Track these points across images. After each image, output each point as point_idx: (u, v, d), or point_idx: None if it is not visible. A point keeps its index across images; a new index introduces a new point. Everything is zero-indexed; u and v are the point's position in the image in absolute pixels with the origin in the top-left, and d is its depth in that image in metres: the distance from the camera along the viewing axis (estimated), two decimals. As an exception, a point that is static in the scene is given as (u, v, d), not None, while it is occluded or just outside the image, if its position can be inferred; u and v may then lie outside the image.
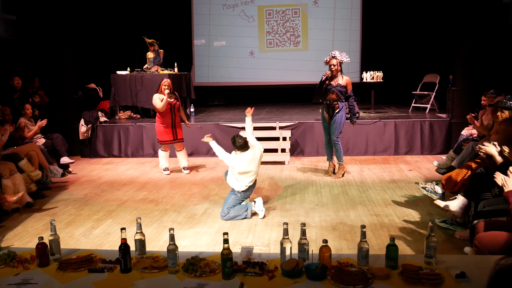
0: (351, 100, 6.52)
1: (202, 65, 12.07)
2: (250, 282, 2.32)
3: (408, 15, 10.98)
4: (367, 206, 5.30)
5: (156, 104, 6.78)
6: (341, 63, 6.38)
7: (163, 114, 6.84)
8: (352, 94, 6.51)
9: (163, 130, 6.90)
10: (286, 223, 2.59)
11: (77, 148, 8.55)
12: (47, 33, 9.03)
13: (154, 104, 6.83)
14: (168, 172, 7.10)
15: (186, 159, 7.19)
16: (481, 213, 3.62)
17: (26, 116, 7.01)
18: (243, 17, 11.85)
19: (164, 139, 6.95)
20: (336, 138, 6.47)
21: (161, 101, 6.74)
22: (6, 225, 4.94)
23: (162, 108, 6.75)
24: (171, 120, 6.89)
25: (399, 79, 10.78)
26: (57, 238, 2.66)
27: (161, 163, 7.13)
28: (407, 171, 6.95)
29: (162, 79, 6.97)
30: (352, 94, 6.51)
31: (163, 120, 6.88)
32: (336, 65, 6.31)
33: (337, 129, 6.45)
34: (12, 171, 5.39)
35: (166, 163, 7.12)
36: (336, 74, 6.36)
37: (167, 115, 6.86)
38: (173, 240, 2.48)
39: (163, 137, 6.94)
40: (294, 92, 11.55)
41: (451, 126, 8.04)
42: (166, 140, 6.96)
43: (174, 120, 6.93)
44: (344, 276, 2.29)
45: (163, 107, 6.74)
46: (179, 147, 7.10)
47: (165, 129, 6.89)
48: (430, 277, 2.26)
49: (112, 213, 5.30)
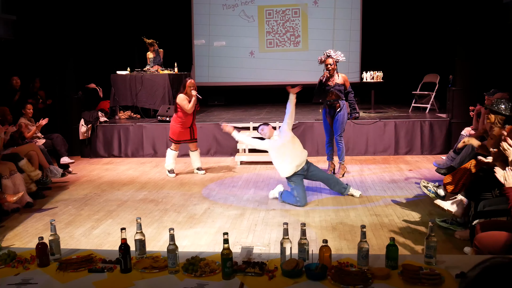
0: (350, 95, 6.55)
1: (202, 65, 12.07)
2: (250, 282, 2.32)
3: (408, 15, 10.98)
4: (367, 206, 5.30)
5: (184, 105, 6.56)
6: (337, 62, 6.41)
7: (186, 114, 6.67)
8: (351, 90, 6.54)
9: (181, 131, 6.75)
10: (286, 223, 2.59)
11: (77, 148, 8.56)
12: (47, 33, 9.02)
13: (182, 105, 6.57)
14: (174, 175, 6.92)
15: (199, 160, 7.09)
16: (481, 213, 3.62)
17: (26, 116, 7.01)
18: (243, 17, 11.84)
19: (180, 139, 6.81)
20: (339, 137, 6.48)
21: (189, 102, 6.58)
22: (6, 225, 4.94)
23: (191, 110, 6.61)
24: (191, 123, 6.81)
25: (399, 79, 10.77)
26: (57, 238, 2.66)
27: (168, 163, 6.90)
28: (407, 171, 6.95)
29: (186, 80, 6.77)
30: (351, 90, 6.54)
31: (183, 121, 6.70)
32: (333, 64, 6.33)
33: (340, 128, 6.46)
34: (12, 171, 5.39)
35: (173, 164, 6.93)
36: (333, 73, 6.38)
37: (190, 116, 6.72)
38: (173, 240, 2.48)
39: (179, 137, 6.78)
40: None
41: (451, 126, 8.04)
42: (182, 139, 6.82)
43: (193, 121, 6.86)
44: (344, 276, 2.29)
45: (191, 108, 6.59)
46: (194, 147, 6.97)
47: (183, 130, 6.76)
48: (430, 277, 2.26)
49: (112, 213, 5.30)
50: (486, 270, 1.09)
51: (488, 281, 1.07)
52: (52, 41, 8.66)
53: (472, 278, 1.08)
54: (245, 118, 9.08)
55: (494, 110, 4.49)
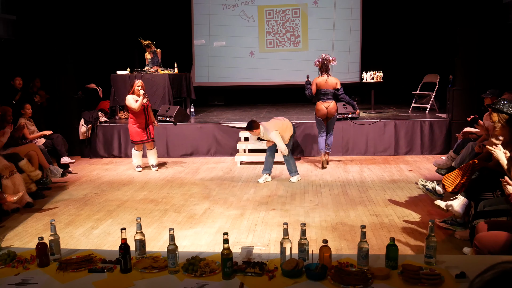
0: (342, 95, 7.04)
1: (202, 65, 12.07)
2: (250, 282, 2.32)
3: (408, 15, 10.98)
4: (367, 206, 5.30)
5: (131, 104, 7.01)
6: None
7: (137, 114, 7.09)
8: (339, 87, 7.04)
9: (137, 131, 7.17)
10: (286, 223, 2.59)
11: (77, 148, 8.56)
12: (47, 33, 9.02)
13: (129, 105, 7.05)
14: (140, 170, 7.37)
15: (155, 157, 7.47)
16: (481, 213, 3.62)
17: (26, 116, 7.01)
18: (243, 17, 11.84)
19: (138, 139, 7.21)
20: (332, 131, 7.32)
21: (136, 102, 6.97)
22: (6, 225, 4.94)
23: (138, 108, 7.00)
24: (144, 120, 7.17)
25: (399, 79, 10.77)
26: (57, 238, 2.66)
27: (134, 162, 7.39)
28: (407, 171, 6.95)
29: (134, 81, 7.22)
30: (339, 87, 7.04)
31: (136, 121, 7.14)
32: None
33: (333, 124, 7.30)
34: (12, 171, 5.39)
35: (139, 161, 7.37)
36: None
37: (141, 115, 7.13)
38: (173, 240, 2.47)
39: (137, 137, 7.19)
40: (294, 92, 11.53)
41: (451, 126, 8.04)
42: (140, 140, 7.21)
43: (147, 120, 7.21)
44: (344, 276, 2.29)
45: (139, 107, 7.00)
46: (150, 146, 7.38)
47: (139, 130, 7.16)
48: (430, 277, 2.26)
49: (112, 213, 5.30)
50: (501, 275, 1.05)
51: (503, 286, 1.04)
52: (52, 41, 8.66)
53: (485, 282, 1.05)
54: (245, 118, 9.07)
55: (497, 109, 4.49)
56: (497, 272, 1.04)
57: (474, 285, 1.05)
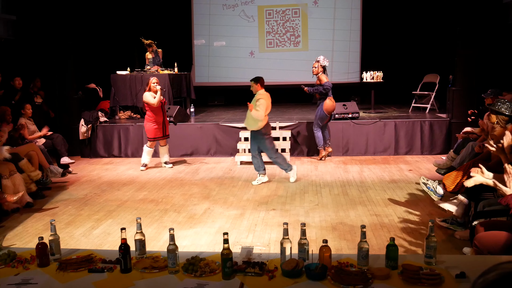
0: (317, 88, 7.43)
1: (202, 65, 12.07)
2: (250, 282, 2.32)
3: (408, 16, 10.98)
4: (367, 206, 5.30)
5: (150, 100, 6.98)
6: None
7: (156, 111, 7.07)
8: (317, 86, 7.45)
9: (155, 128, 7.15)
10: (286, 223, 2.58)
11: (77, 148, 8.56)
12: (47, 33, 9.02)
13: (147, 101, 7.01)
14: (143, 169, 7.36)
15: (167, 155, 7.50)
16: (481, 213, 3.62)
17: (26, 116, 7.01)
18: (243, 17, 11.84)
19: (155, 136, 7.19)
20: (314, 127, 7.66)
21: (154, 98, 6.97)
22: (6, 225, 4.94)
23: (157, 104, 6.99)
24: (162, 118, 7.18)
25: (399, 79, 10.77)
26: (57, 238, 2.66)
27: (144, 159, 7.34)
28: (407, 171, 6.95)
29: (149, 78, 7.23)
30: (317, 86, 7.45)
31: (155, 118, 7.12)
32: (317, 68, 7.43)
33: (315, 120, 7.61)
34: (12, 171, 5.39)
35: (148, 159, 7.37)
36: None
37: (159, 112, 7.12)
38: (173, 240, 2.47)
39: (154, 134, 7.17)
40: (294, 92, 11.51)
41: (451, 126, 8.04)
42: (156, 137, 7.20)
43: (164, 117, 7.23)
44: (344, 276, 2.29)
45: (157, 102, 6.98)
46: (163, 142, 7.37)
47: (156, 127, 7.15)
48: (430, 277, 2.25)
49: (112, 213, 5.30)
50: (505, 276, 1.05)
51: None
52: (52, 41, 8.66)
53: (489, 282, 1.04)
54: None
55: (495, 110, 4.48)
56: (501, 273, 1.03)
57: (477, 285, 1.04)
